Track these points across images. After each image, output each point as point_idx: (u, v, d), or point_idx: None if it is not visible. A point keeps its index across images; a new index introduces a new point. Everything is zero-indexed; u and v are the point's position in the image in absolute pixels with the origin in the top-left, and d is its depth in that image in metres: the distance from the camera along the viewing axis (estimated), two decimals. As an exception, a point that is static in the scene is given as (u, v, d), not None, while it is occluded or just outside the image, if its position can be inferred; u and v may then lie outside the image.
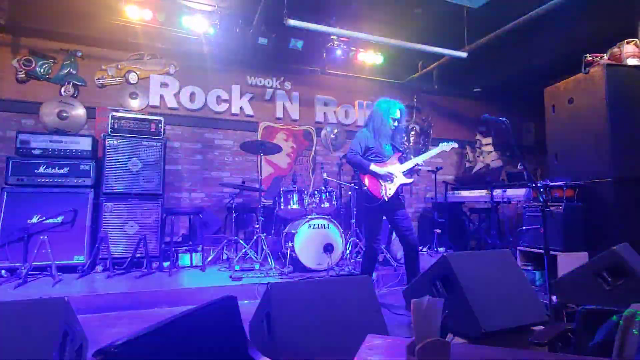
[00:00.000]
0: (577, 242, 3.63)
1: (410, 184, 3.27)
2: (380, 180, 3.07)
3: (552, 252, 3.34)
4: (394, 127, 3.19)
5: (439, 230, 5.43)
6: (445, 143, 3.35)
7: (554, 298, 2.60)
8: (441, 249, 5.45)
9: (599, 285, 2.28)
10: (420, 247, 5.76)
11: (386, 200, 3.04)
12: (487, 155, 6.94)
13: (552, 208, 3.66)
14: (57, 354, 1.45)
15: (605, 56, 3.92)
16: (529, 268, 3.91)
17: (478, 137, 7.14)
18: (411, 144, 6.89)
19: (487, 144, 6.98)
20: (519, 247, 4.05)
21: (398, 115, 3.18)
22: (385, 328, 1.85)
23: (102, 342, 2.25)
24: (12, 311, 1.55)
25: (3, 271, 3.65)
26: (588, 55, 3.92)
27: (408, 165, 3.20)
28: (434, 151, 3.35)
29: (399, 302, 3.08)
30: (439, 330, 0.96)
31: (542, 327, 2.15)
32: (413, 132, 6.92)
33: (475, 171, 6.90)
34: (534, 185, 3.81)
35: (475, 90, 7.10)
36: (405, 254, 3.18)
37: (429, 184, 6.59)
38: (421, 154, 7.07)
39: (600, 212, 3.68)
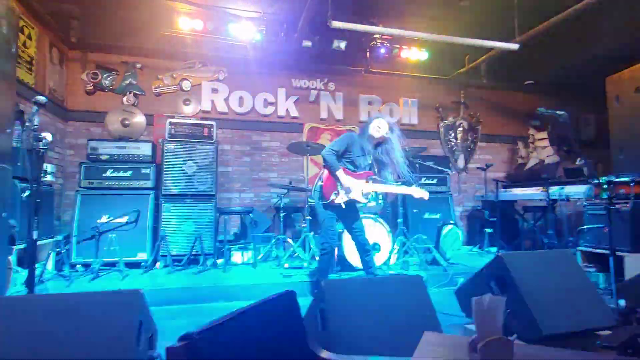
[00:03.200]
0: (647, 242, 3.36)
1: (363, 204, 3.20)
2: (338, 186, 3.04)
3: (618, 253, 3.13)
4: (374, 142, 3.12)
5: (490, 230, 5.24)
6: (418, 188, 3.16)
7: (621, 302, 2.44)
8: (492, 249, 5.26)
9: (674, 289, 2.12)
10: (470, 247, 5.63)
11: (333, 204, 3.05)
12: (542, 150, 6.58)
13: (617, 205, 3.42)
14: (135, 340, 1.60)
15: (678, 40, 3.60)
16: (592, 270, 3.68)
17: (531, 131, 6.79)
18: (459, 141, 6.70)
19: (541, 139, 6.61)
20: (579, 248, 3.82)
21: (383, 130, 3.07)
22: (439, 326, 1.85)
23: (167, 332, 2.42)
24: (95, 300, 1.74)
25: (79, 266, 4.03)
26: (657, 40, 3.62)
27: (369, 188, 3.12)
28: (401, 189, 3.25)
29: (449, 302, 3.02)
30: (502, 329, 0.96)
31: (609, 332, 2.04)
32: (460, 129, 6.72)
33: (528, 168, 6.57)
34: (596, 181, 3.58)
35: (527, 83, 6.76)
36: (358, 253, 3.23)
37: (479, 182, 6.37)
38: (469, 151, 6.87)
39: (675, 209, 3.38)
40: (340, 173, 3.00)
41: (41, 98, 2.46)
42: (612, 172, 3.96)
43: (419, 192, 3.14)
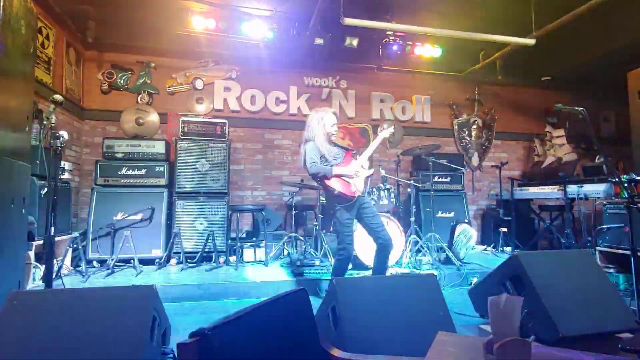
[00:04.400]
0: (671, 243, 3.24)
1: (371, 175, 3.26)
2: (347, 179, 3.02)
3: (639, 253, 3.03)
4: (334, 132, 3.15)
5: (504, 229, 5.15)
6: (380, 132, 3.35)
7: (643, 304, 2.37)
8: (507, 249, 5.17)
9: (700, 291, 2.04)
10: (484, 247, 5.55)
11: (360, 195, 3.05)
12: (559, 148, 6.43)
13: (639, 204, 3.31)
14: (148, 335, 1.62)
15: None
16: (611, 270, 3.59)
17: (548, 129, 6.64)
18: (473, 139, 6.60)
19: (558, 137, 6.46)
20: (598, 248, 3.73)
21: (335, 120, 3.15)
22: (453, 326, 1.82)
23: (180, 328, 2.44)
24: (110, 295, 1.76)
25: (95, 262, 4.10)
26: (682, 33, 3.49)
27: (363, 157, 3.18)
28: (377, 139, 3.31)
29: (462, 301, 2.99)
30: (518, 329, 0.93)
31: (630, 335, 1.98)
32: (475, 126, 6.61)
33: (545, 166, 6.43)
34: (616, 179, 3.48)
35: (544, 79, 6.60)
36: (377, 251, 3.06)
37: (493, 180, 6.27)
38: (483, 149, 6.77)
39: (700, 209, 3.26)
40: (336, 169, 3.02)
41: (58, 97, 2.51)
42: (634, 170, 3.84)
43: (387, 132, 3.33)
